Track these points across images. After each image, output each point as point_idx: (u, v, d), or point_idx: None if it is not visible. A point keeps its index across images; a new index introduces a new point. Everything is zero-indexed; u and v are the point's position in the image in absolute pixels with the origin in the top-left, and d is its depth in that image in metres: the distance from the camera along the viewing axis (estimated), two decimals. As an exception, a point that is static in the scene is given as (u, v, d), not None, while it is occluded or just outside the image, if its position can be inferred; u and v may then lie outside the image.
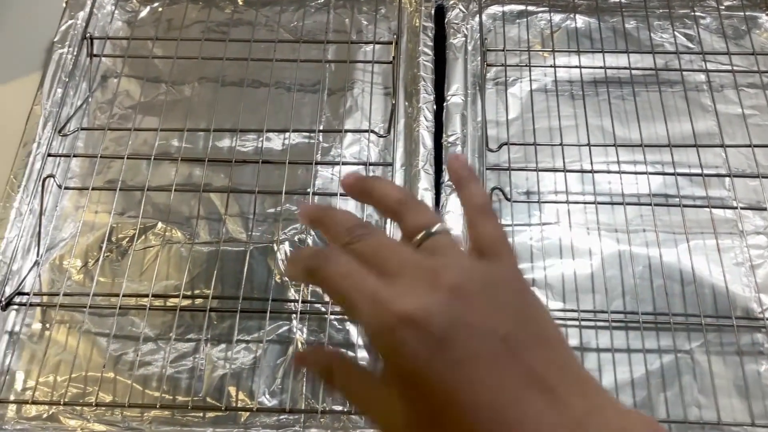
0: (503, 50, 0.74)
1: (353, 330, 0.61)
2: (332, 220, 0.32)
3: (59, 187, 0.67)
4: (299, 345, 0.60)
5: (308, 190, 0.67)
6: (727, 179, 0.67)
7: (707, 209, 0.65)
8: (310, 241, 0.65)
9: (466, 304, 0.27)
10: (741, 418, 0.56)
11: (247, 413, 0.57)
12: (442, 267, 0.28)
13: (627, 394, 0.58)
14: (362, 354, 0.60)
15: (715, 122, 0.70)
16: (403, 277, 0.28)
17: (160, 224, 0.66)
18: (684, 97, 0.71)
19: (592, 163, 0.66)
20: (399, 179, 0.67)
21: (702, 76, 0.73)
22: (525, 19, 0.77)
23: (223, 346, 0.60)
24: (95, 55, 0.74)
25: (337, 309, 0.62)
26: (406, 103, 0.72)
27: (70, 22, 0.75)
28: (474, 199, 0.32)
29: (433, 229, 0.30)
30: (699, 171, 0.66)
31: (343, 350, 0.30)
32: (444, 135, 0.68)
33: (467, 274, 0.28)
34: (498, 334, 0.26)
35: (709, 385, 0.58)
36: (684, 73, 0.72)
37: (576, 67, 0.73)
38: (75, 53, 0.73)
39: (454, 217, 0.63)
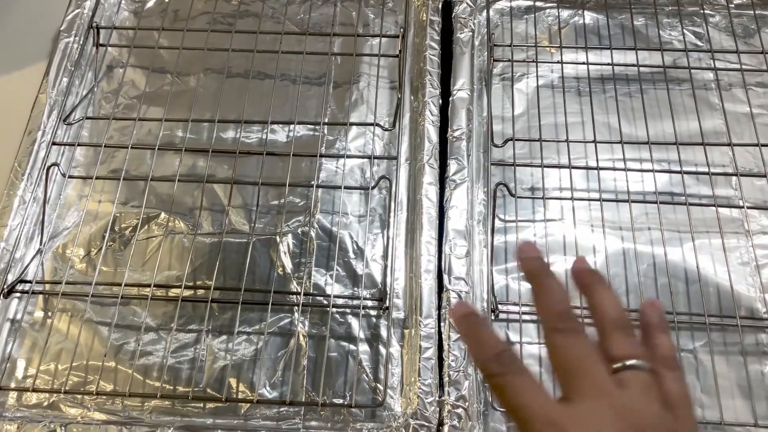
0: (510, 46, 0.73)
1: (354, 323, 0.61)
2: (548, 292, 0.33)
3: (63, 175, 0.67)
4: (300, 338, 0.60)
5: (312, 182, 0.67)
6: (734, 178, 0.67)
7: (713, 208, 0.64)
8: (313, 234, 0.65)
9: None
10: (744, 419, 0.56)
11: (248, 405, 0.57)
12: (631, 409, 0.28)
13: (629, 392, 0.57)
14: (364, 347, 0.60)
15: (722, 121, 0.70)
16: (584, 401, 0.29)
17: (163, 214, 0.66)
18: (692, 95, 0.70)
19: (597, 160, 0.66)
20: (404, 173, 0.67)
21: (710, 75, 0.73)
22: (532, 15, 0.77)
23: (224, 337, 0.60)
24: (101, 45, 0.74)
25: (339, 302, 0.61)
26: (412, 97, 0.71)
27: (76, 11, 0.75)
28: (661, 351, 0.32)
29: (636, 363, 0.30)
30: (706, 169, 0.65)
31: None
32: (449, 129, 0.67)
33: (655, 427, 0.28)
34: None
35: (713, 385, 0.57)
36: (692, 71, 0.72)
37: (583, 63, 0.73)
38: (81, 42, 0.73)
39: (458, 213, 0.63)
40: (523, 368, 0.31)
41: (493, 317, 0.60)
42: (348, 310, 0.61)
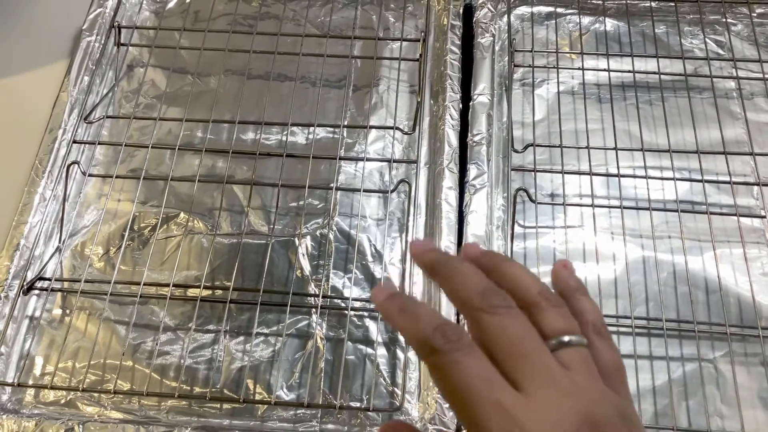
0: (531, 51, 0.73)
1: (372, 326, 0.61)
2: (460, 275, 0.29)
3: (83, 174, 0.67)
4: (318, 340, 0.60)
5: (331, 185, 0.67)
6: (756, 188, 0.66)
7: (734, 217, 0.64)
8: (331, 236, 0.65)
9: None
10: (765, 430, 0.55)
11: (265, 406, 0.57)
12: (581, 391, 0.26)
13: (648, 401, 0.57)
14: (381, 351, 0.59)
15: (744, 130, 0.69)
16: (538, 391, 0.26)
17: (182, 214, 0.66)
18: (713, 103, 0.70)
19: (618, 167, 0.65)
20: (423, 177, 0.67)
21: (732, 83, 0.72)
22: (553, 21, 0.77)
23: (241, 338, 0.60)
24: (122, 44, 0.75)
25: (357, 305, 0.61)
26: (432, 102, 0.71)
27: (98, 10, 0.75)
28: (588, 316, 0.30)
29: (571, 339, 0.28)
30: (727, 178, 0.65)
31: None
32: (469, 134, 0.67)
33: (605, 406, 0.26)
34: None
35: (733, 396, 0.57)
36: (714, 79, 0.71)
37: (604, 70, 0.72)
38: (102, 42, 0.73)
39: (477, 217, 0.63)
40: (471, 344, 0.27)
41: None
42: (366, 314, 0.61)
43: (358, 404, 0.57)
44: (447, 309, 0.58)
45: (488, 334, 0.27)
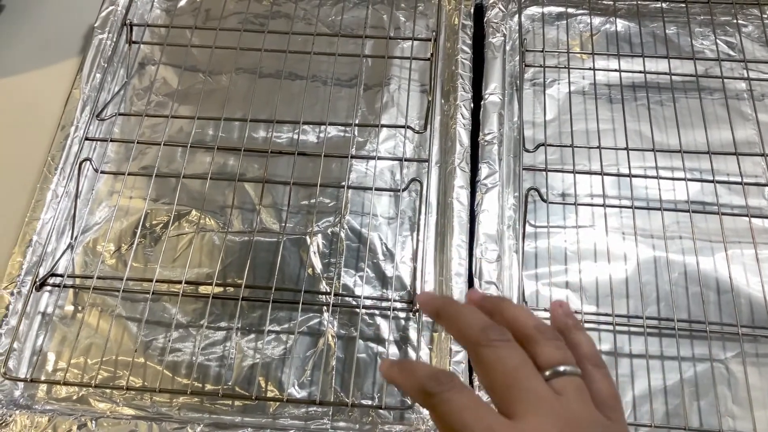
0: (542, 51, 0.73)
1: (384, 325, 0.61)
2: (461, 317, 0.32)
3: (95, 171, 0.67)
4: (329, 338, 0.60)
5: (342, 183, 0.67)
6: (767, 189, 0.66)
7: (746, 218, 0.64)
8: (342, 235, 0.65)
9: None
10: (777, 431, 0.55)
11: (276, 404, 0.57)
12: (571, 416, 0.28)
13: (660, 401, 0.57)
14: (393, 350, 0.59)
15: (755, 131, 0.69)
16: (528, 416, 0.27)
17: (194, 212, 0.66)
18: (724, 104, 0.70)
19: (629, 167, 0.65)
20: (434, 176, 0.67)
21: (743, 84, 0.72)
22: (564, 21, 0.77)
23: (253, 335, 0.60)
24: (134, 42, 0.75)
25: (368, 303, 0.61)
26: (443, 101, 0.71)
27: (110, 8, 0.75)
28: (583, 348, 0.32)
29: (566, 369, 0.30)
30: (738, 179, 0.65)
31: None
32: (481, 133, 0.67)
33: (594, 430, 0.28)
34: None
35: (744, 396, 0.57)
36: (725, 80, 0.71)
37: (615, 70, 0.72)
38: (114, 39, 0.73)
39: (489, 217, 0.63)
40: (462, 385, 0.30)
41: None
42: (377, 312, 0.61)
43: (369, 402, 0.57)
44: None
45: (486, 366, 0.29)
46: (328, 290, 0.62)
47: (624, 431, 0.30)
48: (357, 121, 0.70)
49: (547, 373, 0.30)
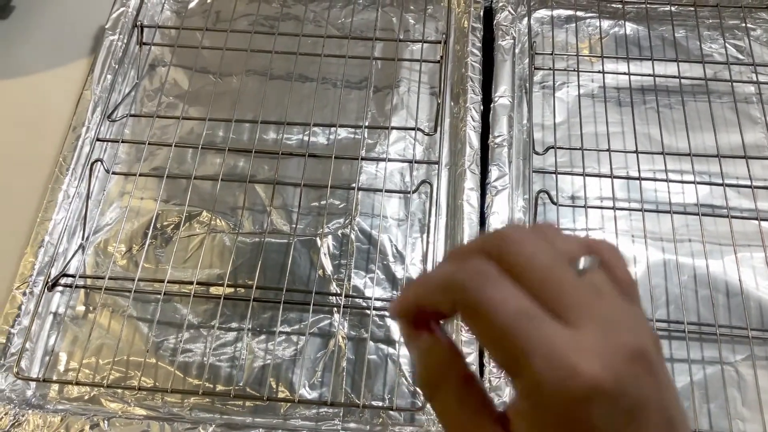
0: (551, 54, 0.74)
1: (394, 326, 0.61)
2: (460, 251, 0.26)
3: (107, 171, 0.67)
4: (340, 339, 0.60)
5: (352, 185, 0.67)
6: (776, 192, 0.66)
7: (755, 221, 0.64)
8: (353, 236, 0.65)
9: (651, 375, 0.23)
10: (787, 434, 0.55)
11: (287, 405, 0.57)
12: (622, 322, 0.24)
13: (670, 403, 0.57)
14: (404, 351, 0.60)
15: (764, 134, 0.70)
16: (585, 325, 0.23)
17: (205, 213, 0.66)
18: (733, 108, 0.70)
19: (639, 170, 0.66)
20: (444, 178, 0.67)
21: (752, 88, 0.73)
22: (573, 24, 0.77)
23: (264, 336, 0.61)
24: (145, 44, 0.75)
25: (379, 305, 0.62)
26: (452, 103, 0.72)
27: (121, 9, 0.76)
28: (603, 244, 0.27)
29: (591, 262, 0.25)
30: (747, 182, 0.65)
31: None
32: (491, 136, 0.67)
33: (647, 336, 0.24)
34: (668, 414, 0.23)
35: (754, 399, 0.57)
36: (734, 84, 0.72)
37: (624, 73, 0.73)
38: (125, 41, 0.74)
39: (499, 219, 0.63)
40: (498, 276, 0.23)
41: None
42: (387, 313, 0.62)
43: (380, 403, 0.57)
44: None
45: (516, 269, 0.24)
46: (339, 291, 0.62)
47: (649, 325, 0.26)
48: (367, 123, 0.70)
49: (579, 268, 0.25)
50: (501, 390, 0.55)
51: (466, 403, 0.25)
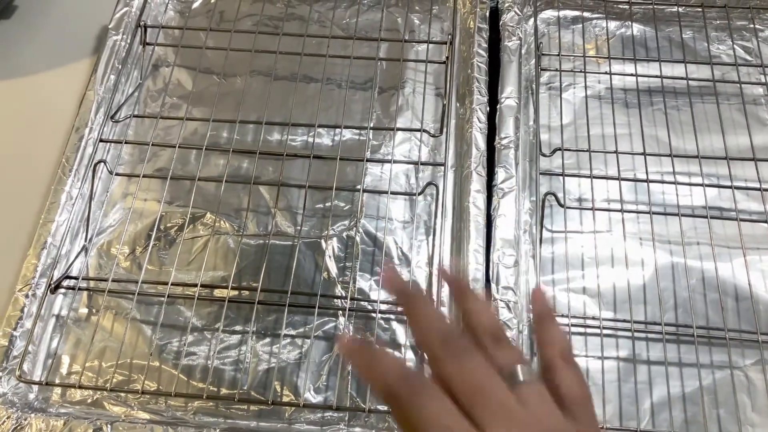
0: (558, 55, 0.73)
1: (400, 330, 0.60)
2: (424, 317, 0.32)
3: (110, 172, 0.67)
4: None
5: (357, 186, 0.66)
6: (785, 195, 0.66)
7: (764, 224, 0.63)
8: (358, 239, 0.64)
9: None
10: (797, 440, 0.55)
11: (292, 408, 0.57)
12: (536, 425, 0.28)
13: (678, 408, 0.56)
14: (410, 355, 0.59)
15: (773, 136, 0.69)
16: (495, 428, 0.27)
17: (209, 214, 0.66)
18: (741, 109, 0.70)
19: (647, 172, 0.65)
20: (450, 180, 0.66)
21: (760, 90, 0.72)
22: (580, 25, 0.77)
23: (268, 340, 0.60)
24: (148, 44, 0.74)
25: (384, 308, 0.61)
26: (458, 104, 0.71)
27: (124, 9, 0.75)
28: (556, 343, 0.33)
29: (522, 377, 0.30)
30: (756, 185, 0.64)
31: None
32: (497, 137, 0.67)
33: None
34: None
35: (765, 404, 0.56)
36: (742, 85, 0.71)
37: (631, 75, 0.72)
38: (128, 41, 0.73)
39: (506, 221, 0.62)
40: (433, 388, 0.29)
41: (541, 328, 0.59)
42: (393, 317, 0.61)
43: (386, 408, 0.57)
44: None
45: (450, 378, 0.29)
46: (344, 294, 0.61)
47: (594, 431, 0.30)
48: (372, 125, 0.70)
49: (511, 381, 0.30)
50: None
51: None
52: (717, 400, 0.57)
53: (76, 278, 0.61)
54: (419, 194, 0.66)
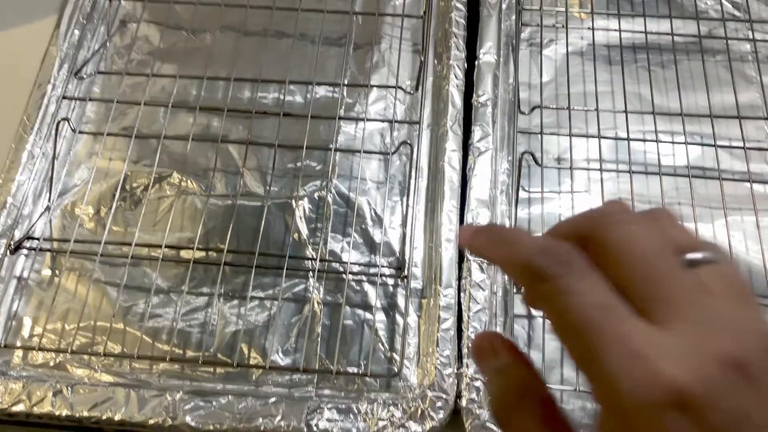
0: (539, 10, 0.70)
1: (371, 291, 0.59)
2: (554, 230, 0.23)
3: (73, 131, 0.65)
4: (315, 304, 0.58)
5: (330, 146, 0.64)
6: (769, 154, 0.64)
7: (747, 184, 0.62)
8: (330, 199, 0.62)
9: (752, 390, 0.19)
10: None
11: (259, 371, 0.55)
12: (728, 324, 0.20)
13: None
14: (380, 317, 0.58)
15: (759, 94, 0.67)
16: (676, 323, 0.20)
17: (175, 174, 0.64)
18: (728, 66, 0.68)
19: (628, 130, 0.63)
20: (425, 139, 0.64)
21: (747, 46, 0.70)
22: (563, -21, 0.74)
23: (236, 302, 0.58)
24: (114, -2, 0.72)
25: (356, 269, 0.59)
26: (435, 61, 0.68)
27: (89, -38, 0.72)
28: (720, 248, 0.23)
29: (705, 255, 0.21)
30: (740, 144, 0.63)
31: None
32: (474, 95, 0.64)
33: (756, 345, 0.20)
34: None
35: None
36: (729, 41, 0.69)
37: (615, 30, 0.70)
38: (94, -5, 0.70)
39: (481, 181, 0.60)
40: (587, 268, 0.21)
41: (516, 290, 0.58)
42: (364, 278, 0.59)
43: (355, 370, 0.56)
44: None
45: (611, 252, 0.21)
46: (314, 256, 0.60)
47: None
48: (346, 81, 0.67)
49: (688, 257, 0.21)
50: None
51: (547, 428, 0.22)
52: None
53: (37, 239, 0.59)
54: (393, 153, 0.64)
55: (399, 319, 0.57)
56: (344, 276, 0.59)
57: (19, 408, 0.51)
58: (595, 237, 0.22)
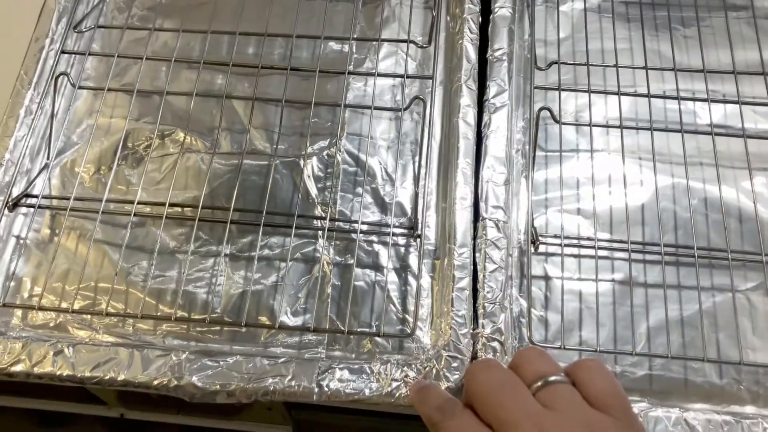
0: (556, -36, 0.68)
1: (383, 252, 0.57)
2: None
3: (73, 86, 0.62)
4: (325, 265, 0.56)
5: (339, 102, 0.62)
6: (795, 112, 0.62)
7: (772, 143, 0.59)
8: (339, 158, 0.60)
9: None
10: (800, 364, 0.52)
11: (268, 332, 0.54)
12: (564, 426, 0.27)
13: (677, 333, 0.53)
14: (392, 278, 0.56)
15: (784, 51, 0.64)
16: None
17: (179, 131, 0.61)
18: (751, 23, 0.65)
19: (648, 87, 0.61)
20: (438, 95, 0.62)
21: (772, 2, 0.67)
22: (580, -67, 0.71)
23: (243, 262, 0.56)
24: (114, -50, 0.69)
25: (366, 229, 0.57)
26: (448, 17, 0.66)
27: None
28: (577, 363, 0.31)
29: (553, 378, 0.29)
30: (766, 101, 0.60)
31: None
32: (489, 50, 0.62)
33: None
34: None
35: (766, 328, 0.53)
36: (753, -4, 0.66)
37: (634, -15, 0.67)
38: (92, -53, 0.67)
39: (497, 139, 0.58)
40: (463, 412, 0.30)
41: (533, 250, 0.55)
42: (375, 239, 0.57)
43: (366, 330, 0.54)
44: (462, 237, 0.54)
45: (471, 395, 0.29)
46: (324, 215, 0.58)
47: (636, 426, 0.28)
48: (355, 36, 0.65)
49: (534, 386, 0.29)
50: (495, 316, 0.51)
51: None
52: (717, 324, 0.54)
53: (36, 197, 0.57)
54: (405, 110, 0.62)
55: (411, 280, 0.55)
56: (354, 236, 0.57)
57: (19, 368, 0.49)
58: (466, 391, 0.30)
